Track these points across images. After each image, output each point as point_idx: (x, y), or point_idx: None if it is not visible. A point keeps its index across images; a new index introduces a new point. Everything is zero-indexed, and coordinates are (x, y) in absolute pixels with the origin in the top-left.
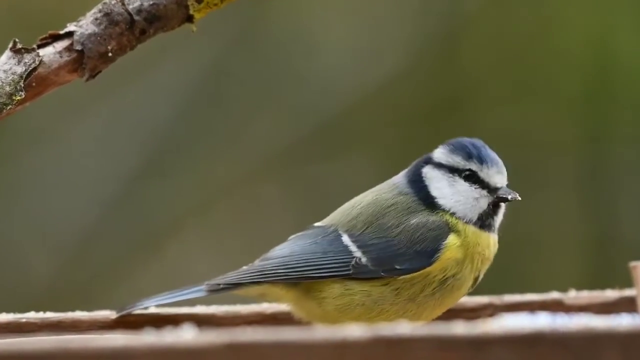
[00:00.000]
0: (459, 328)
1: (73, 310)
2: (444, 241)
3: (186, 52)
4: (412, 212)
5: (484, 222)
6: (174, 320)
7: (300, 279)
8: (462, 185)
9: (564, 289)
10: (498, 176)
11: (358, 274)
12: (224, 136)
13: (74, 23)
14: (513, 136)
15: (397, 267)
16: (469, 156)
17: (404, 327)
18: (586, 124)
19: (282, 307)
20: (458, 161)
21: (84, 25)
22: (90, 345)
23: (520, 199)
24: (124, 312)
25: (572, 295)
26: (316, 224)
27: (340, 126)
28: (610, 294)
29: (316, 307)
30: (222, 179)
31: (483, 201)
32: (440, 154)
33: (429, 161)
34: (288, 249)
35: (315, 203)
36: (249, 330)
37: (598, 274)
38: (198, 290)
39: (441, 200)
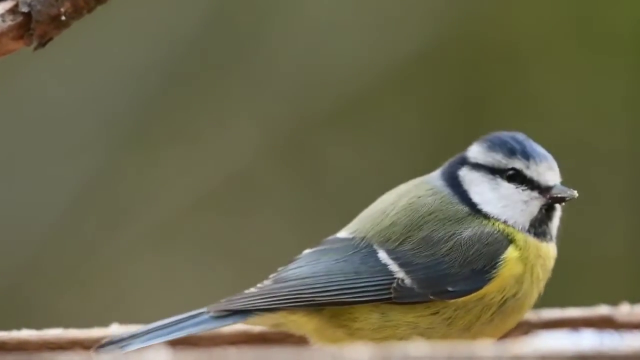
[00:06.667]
0: (487, 349)
1: (19, 328)
2: (502, 256)
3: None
4: (460, 221)
5: (537, 229)
6: None
7: (329, 305)
8: (507, 187)
9: (611, 303)
10: (549, 173)
11: (401, 298)
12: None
13: None
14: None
15: (450, 289)
16: (511, 152)
17: (419, 348)
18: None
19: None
20: (499, 159)
21: None
22: None
23: (577, 195)
24: (103, 348)
25: (625, 311)
26: (340, 235)
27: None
28: None
29: (346, 338)
30: (202, 173)
31: (534, 204)
32: (476, 152)
33: (464, 161)
34: (309, 268)
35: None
36: (233, 352)
37: None
38: (201, 321)
39: (485, 207)
